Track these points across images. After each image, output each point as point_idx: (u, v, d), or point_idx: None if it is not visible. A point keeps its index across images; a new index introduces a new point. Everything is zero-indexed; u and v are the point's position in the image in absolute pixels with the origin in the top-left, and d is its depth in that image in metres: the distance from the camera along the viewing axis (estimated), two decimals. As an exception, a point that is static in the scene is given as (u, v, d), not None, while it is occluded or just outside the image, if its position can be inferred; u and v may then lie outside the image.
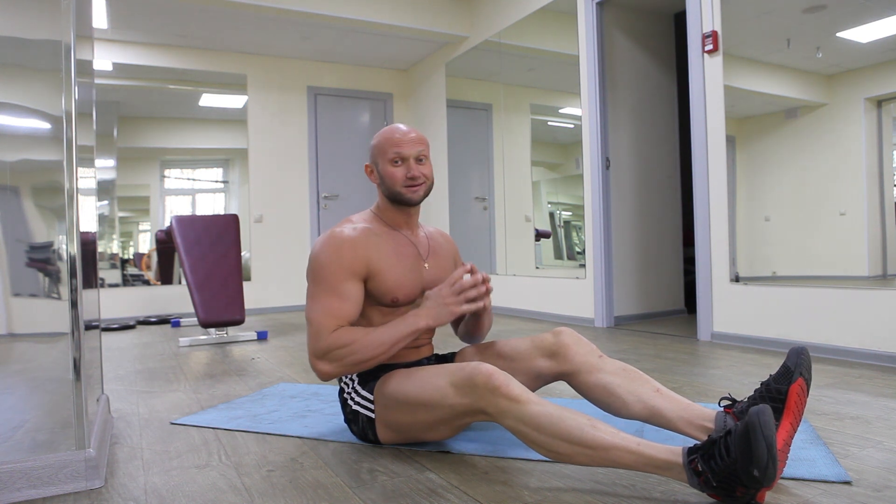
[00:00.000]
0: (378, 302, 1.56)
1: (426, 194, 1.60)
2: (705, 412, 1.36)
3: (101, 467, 1.41)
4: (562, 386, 2.19)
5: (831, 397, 1.97)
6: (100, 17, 4.55)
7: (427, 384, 1.41)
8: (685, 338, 3.30)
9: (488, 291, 1.52)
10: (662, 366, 2.56)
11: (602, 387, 1.47)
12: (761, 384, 1.32)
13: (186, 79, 5.33)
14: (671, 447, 1.17)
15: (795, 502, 1.17)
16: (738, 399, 1.52)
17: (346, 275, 1.48)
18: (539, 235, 4.53)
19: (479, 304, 1.49)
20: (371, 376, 1.57)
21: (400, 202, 1.58)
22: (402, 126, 1.59)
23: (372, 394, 1.53)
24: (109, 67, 5.02)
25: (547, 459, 1.42)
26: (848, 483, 1.25)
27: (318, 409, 1.98)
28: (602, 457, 1.19)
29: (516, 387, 1.28)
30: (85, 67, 1.65)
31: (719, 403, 1.38)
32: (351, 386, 1.59)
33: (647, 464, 1.16)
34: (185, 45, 5.24)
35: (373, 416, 1.53)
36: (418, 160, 1.56)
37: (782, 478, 1.28)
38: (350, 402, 1.58)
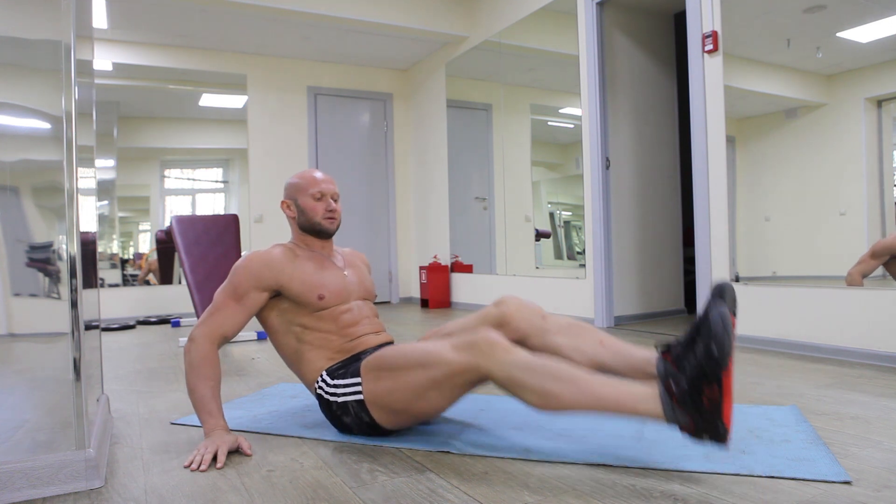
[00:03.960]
0: (310, 307, 1.69)
1: (337, 228, 1.84)
2: (647, 358, 1.42)
3: (101, 467, 1.41)
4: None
5: (831, 397, 1.97)
6: (100, 17, 4.55)
7: (424, 346, 1.50)
8: (682, 341, 3.30)
9: None
10: (662, 366, 2.56)
11: (550, 350, 1.55)
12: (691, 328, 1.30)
13: (186, 79, 5.33)
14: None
15: (795, 502, 1.17)
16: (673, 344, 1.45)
17: (250, 284, 1.67)
18: (539, 235, 4.53)
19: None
20: (342, 367, 1.65)
21: (318, 232, 1.80)
22: (316, 170, 1.84)
23: (356, 376, 1.58)
24: (109, 67, 5.02)
25: (544, 460, 1.42)
26: (848, 483, 1.25)
27: (318, 408, 1.98)
28: (589, 393, 1.29)
29: (512, 343, 1.41)
30: (85, 67, 1.65)
31: (656, 348, 1.39)
32: (327, 386, 1.64)
33: (628, 395, 1.27)
34: (185, 45, 5.24)
35: (361, 397, 1.56)
36: (333, 199, 1.81)
37: (782, 477, 1.28)
38: (334, 398, 1.61)
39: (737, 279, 3.07)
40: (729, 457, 1.41)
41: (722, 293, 1.31)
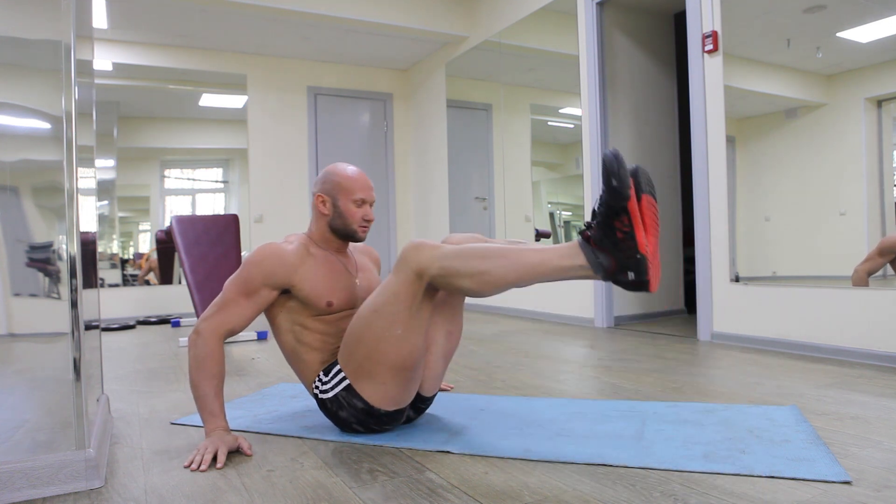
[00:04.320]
0: (315, 311, 1.67)
1: None
2: (574, 247, 1.39)
3: (101, 467, 1.41)
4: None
5: (831, 397, 1.97)
6: (100, 17, 4.56)
7: (373, 295, 1.55)
8: (685, 338, 3.30)
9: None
10: (663, 366, 2.56)
11: None
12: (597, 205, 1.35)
13: (186, 79, 5.33)
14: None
15: (795, 502, 1.17)
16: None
17: (262, 281, 1.64)
18: (539, 235, 4.53)
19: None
20: (331, 366, 1.66)
21: (349, 238, 1.76)
22: (356, 168, 1.77)
23: (336, 364, 1.61)
24: (109, 67, 5.02)
25: (544, 460, 1.42)
26: (848, 483, 1.25)
27: (318, 409, 1.98)
28: (516, 261, 1.36)
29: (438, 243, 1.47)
30: (85, 67, 1.65)
31: (579, 233, 1.40)
32: (323, 384, 1.65)
33: (552, 253, 1.35)
34: (185, 45, 5.24)
35: (347, 381, 1.58)
36: (371, 205, 1.78)
37: (782, 477, 1.28)
38: (326, 395, 1.63)
39: (737, 279, 3.07)
40: (729, 457, 1.41)
41: (635, 173, 1.33)
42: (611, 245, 1.29)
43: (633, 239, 1.27)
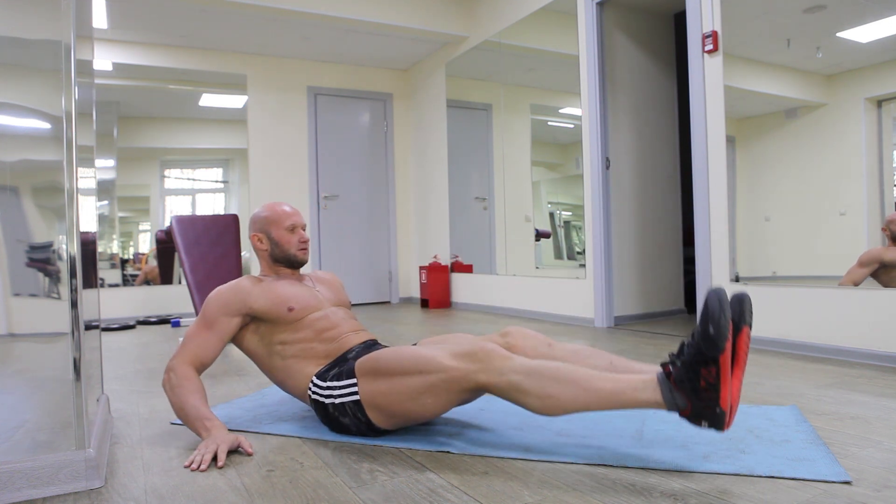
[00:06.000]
0: (283, 321, 1.73)
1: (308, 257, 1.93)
2: (652, 382, 1.31)
3: (101, 467, 1.41)
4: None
5: (831, 397, 1.97)
6: (100, 17, 4.55)
7: (422, 351, 1.50)
8: (685, 338, 3.30)
9: None
10: (662, 366, 2.56)
11: None
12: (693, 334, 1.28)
13: (186, 79, 5.32)
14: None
15: (795, 502, 1.17)
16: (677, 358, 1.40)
17: (218, 311, 1.72)
18: (539, 235, 4.53)
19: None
20: (331, 368, 1.66)
21: (292, 263, 1.88)
22: (280, 202, 1.91)
23: (351, 377, 1.59)
24: (109, 67, 5.02)
25: (544, 460, 1.42)
26: (848, 483, 1.25)
27: (318, 409, 1.98)
28: (588, 389, 1.30)
29: (510, 353, 1.43)
30: (85, 67, 1.65)
31: (661, 365, 1.35)
32: (321, 389, 1.64)
33: (627, 385, 1.29)
34: (185, 45, 5.24)
35: (358, 397, 1.57)
36: (303, 229, 1.91)
37: (782, 477, 1.28)
38: (331, 400, 1.62)
39: (737, 279, 3.07)
40: (729, 457, 1.41)
41: (740, 301, 1.28)
42: (691, 390, 1.22)
43: (716, 392, 1.19)
